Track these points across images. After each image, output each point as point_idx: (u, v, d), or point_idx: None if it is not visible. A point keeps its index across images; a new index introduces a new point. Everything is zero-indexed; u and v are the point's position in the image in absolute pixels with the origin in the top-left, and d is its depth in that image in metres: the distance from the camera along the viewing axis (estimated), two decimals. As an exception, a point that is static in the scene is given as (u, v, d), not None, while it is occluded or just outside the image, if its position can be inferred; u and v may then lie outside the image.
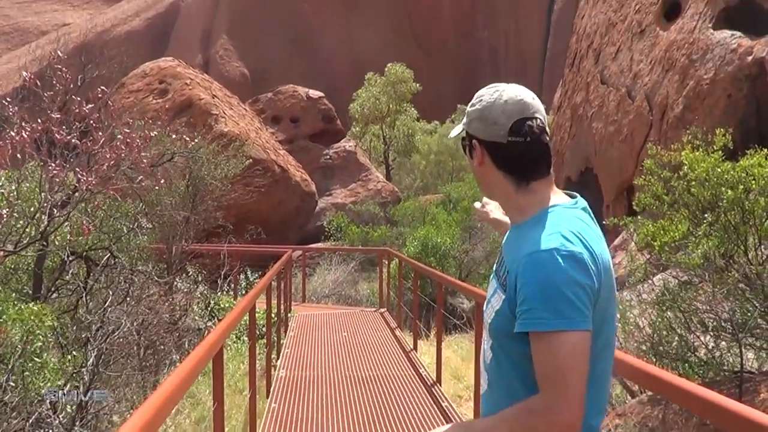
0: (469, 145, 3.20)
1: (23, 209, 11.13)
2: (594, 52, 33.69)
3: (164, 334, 14.87)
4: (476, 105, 3.18)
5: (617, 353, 5.55)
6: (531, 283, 2.79)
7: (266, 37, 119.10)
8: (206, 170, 21.64)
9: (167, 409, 3.93)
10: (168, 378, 4.37)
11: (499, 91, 3.17)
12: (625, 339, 12.41)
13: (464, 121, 3.19)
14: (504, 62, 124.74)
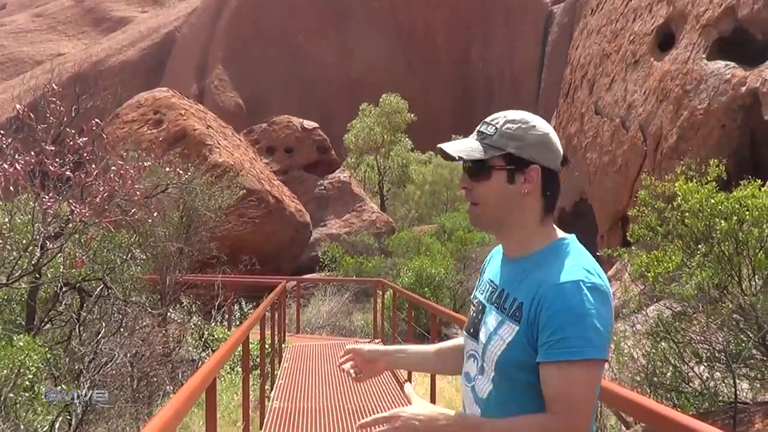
0: (511, 170, 3.09)
1: (16, 241, 11.12)
2: (588, 82, 33.82)
3: (158, 365, 14.82)
4: (530, 130, 3.13)
5: (611, 385, 5.55)
6: (561, 313, 2.82)
7: (261, 68, 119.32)
8: (200, 201, 21.62)
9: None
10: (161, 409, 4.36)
11: (543, 121, 3.19)
12: (620, 370, 12.40)
13: (497, 145, 3.11)
14: (499, 92, 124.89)
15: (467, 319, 3.34)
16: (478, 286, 3.40)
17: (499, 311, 3.08)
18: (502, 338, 3.00)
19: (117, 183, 11.72)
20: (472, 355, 3.19)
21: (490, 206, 3.13)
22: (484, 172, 3.11)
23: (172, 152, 20.92)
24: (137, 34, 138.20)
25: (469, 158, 3.09)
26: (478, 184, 3.12)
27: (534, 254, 3.10)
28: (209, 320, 21.91)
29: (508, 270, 3.19)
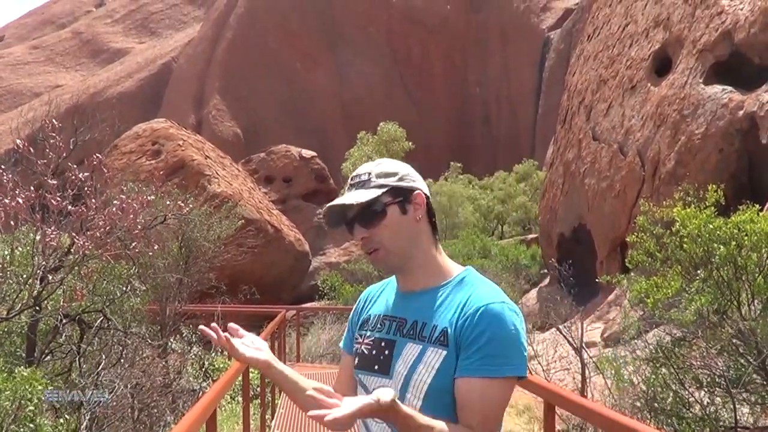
0: (401, 201, 3.24)
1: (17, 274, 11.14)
2: (585, 108, 33.89)
3: (158, 396, 14.80)
4: (397, 166, 3.34)
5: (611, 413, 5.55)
6: (488, 332, 2.98)
7: (259, 97, 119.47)
8: (199, 232, 21.65)
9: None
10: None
11: (400, 162, 3.42)
12: (620, 396, 12.41)
13: (380, 183, 3.24)
14: (496, 118, 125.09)
15: (360, 359, 3.36)
16: (363, 327, 3.46)
17: (417, 341, 3.15)
18: (429, 365, 3.08)
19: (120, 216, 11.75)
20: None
21: (393, 244, 3.23)
22: (379, 212, 3.21)
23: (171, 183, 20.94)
24: (134, 65, 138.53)
25: (364, 200, 3.16)
26: (375, 228, 3.21)
27: (445, 284, 3.24)
28: (209, 350, 21.89)
29: (412, 302, 3.27)
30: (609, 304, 26.65)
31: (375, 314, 3.41)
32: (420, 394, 3.07)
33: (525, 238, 57.99)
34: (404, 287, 3.32)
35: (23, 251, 12.14)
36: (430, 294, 3.22)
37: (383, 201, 3.20)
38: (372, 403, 2.63)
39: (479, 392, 2.96)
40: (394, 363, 3.18)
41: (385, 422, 3.11)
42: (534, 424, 15.28)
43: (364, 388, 3.29)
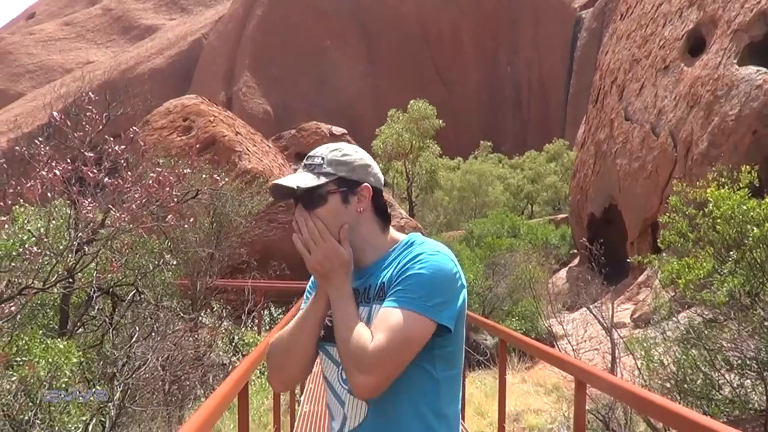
0: (344, 192, 3.33)
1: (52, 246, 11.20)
2: (618, 88, 33.71)
3: (189, 369, 14.89)
4: (353, 156, 3.39)
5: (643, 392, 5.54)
6: (416, 275, 3.10)
7: (289, 74, 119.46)
8: (230, 207, 21.72)
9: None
10: (196, 412, 4.39)
11: (362, 150, 3.49)
12: (650, 377, 12.37)
13: (332, 170, 3.33)
14: (527, 98, 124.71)
15: (325, 331, 3.40)
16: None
17: (364, 305, 3.26)
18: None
19: (156, 189, 11.78)
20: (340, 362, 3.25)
21: (334, 226, 3.30)
22: (320, 198, 3.31)
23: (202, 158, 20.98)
24: (165, 41, 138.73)
25: (306, 186, 3.25)
26: (314, 211, 3.29)
27: (392, 250, 3.35)
28: (239, 325, 21.97)
29: (364, 275, 3.37)
30: (639, 285, 26.59)
31: None
32: None
33: (555, 217, 57.88)
34: (356, 263, 3.38)
35: (57, 224, 12.20)
36: (377, 263, 3.34)
37: (326, 188, 3.30)
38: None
39: (387, 314, 3.06)
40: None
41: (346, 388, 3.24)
42: (562, 403, 15.28)
43: (331, 359, 3.36)
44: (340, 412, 3.30)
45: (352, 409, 3.25)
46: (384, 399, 3.13)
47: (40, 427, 8.80)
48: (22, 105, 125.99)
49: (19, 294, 10.22)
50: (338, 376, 3.31)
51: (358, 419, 3.23)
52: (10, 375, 9.23)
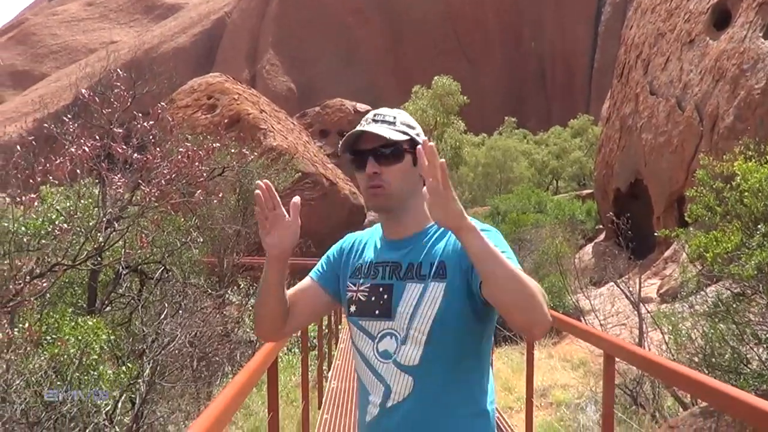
0: (412, 152, 3.33)
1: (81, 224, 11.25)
2: (643, 62, 33.53)
3: (217, 346, 14.97)
4: (414, 121, 3.46)
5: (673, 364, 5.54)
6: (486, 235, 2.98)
7: (312, 52, 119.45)
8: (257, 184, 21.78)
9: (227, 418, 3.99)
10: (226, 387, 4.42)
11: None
12: (677, 351, 12.35)
13: (405, 131, 3.37)
14: (551, 73, 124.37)
15: (357, 306, 3.45)
16: (355, 275, 3.54)
17: (417, 281, 3.28)
18: (432, 300, 3.22)
19: (186, 164, 11.82)
20: (387, 334, 3.32)
21: (398, 187, 3.35)
22: (399, 154, 3.34)
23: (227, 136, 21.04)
24: (188, 20, 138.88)
25: (396, 139, 3.29)
26: (387, 168, 3.31)
27: (430, 227, 3.40)
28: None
29: (403, 247, 3.41)
30: (665, 260, 26.52)
31: (366, 262, 3.52)
32: (425, 327, 3.21)
33: (580, 193, 57.73)
34: (393, 234, 3.46)
35: (86, 203, 12.26)
36: (419, 237, 3.39)
37: (404, 147, 3.33)
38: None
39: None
40: (396, 305, 3.30)
41: (386, 362, 3.31)
42: (589, 378, 15.29)
43: (365, 333, 3.41)
44: (378, 386, 3.34)
45: (396, 383, 3.27)
46: (431, 372, 3.20)
47: (71, 404, 8.86)
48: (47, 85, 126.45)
49: (50, 271, 10.28)
50: (374, 350, 3.36)
51: (403, 394, 3.26)
52: (40, 353, 9.29)
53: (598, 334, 7.75)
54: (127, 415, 10.54)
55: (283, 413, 12.07)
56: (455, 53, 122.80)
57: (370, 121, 3.36)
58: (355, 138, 3.35)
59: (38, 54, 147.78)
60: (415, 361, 3.23)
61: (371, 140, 3.31)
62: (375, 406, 3.34)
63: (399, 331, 3.27)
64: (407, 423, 3.25)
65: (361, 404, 3.47)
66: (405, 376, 3.25)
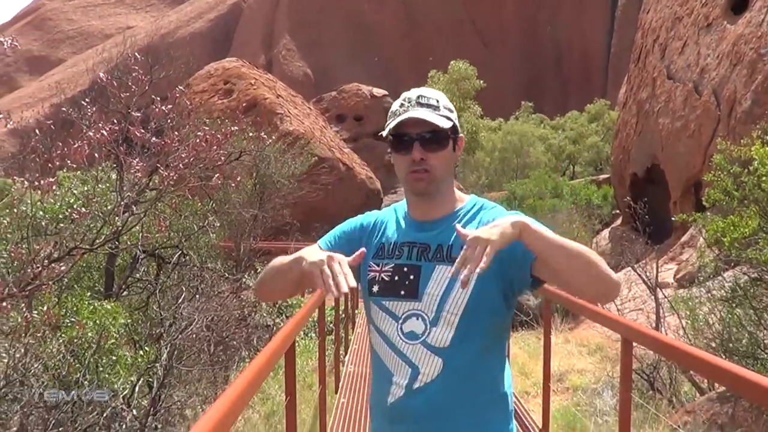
0: (454, 138, 3.40)
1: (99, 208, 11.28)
2: (660, 47, 33.43)
3: (234, 330, 15.01)
4: (444, 98, 3.42)
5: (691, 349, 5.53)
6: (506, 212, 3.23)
7: (328, 37, 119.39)
8: (273, 168, 21.83)
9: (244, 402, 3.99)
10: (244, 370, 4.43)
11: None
12: (695, 336, 12.35)
13: (448, 115, 3.37)
14: (568, 58, 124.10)
15: (381, 286, 3.42)
16: (378, 255, 3.51)
17: (447, 263, 3.26)
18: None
19: (204, 148, 11.83)
20: (413, 315, 3.30)
21: (441, 172, 3.36)
22: (445, 140, 3.35)
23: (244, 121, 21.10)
24: (204, 5, 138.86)
25: (446, 127, 3.30)
26: (432, 154, 3.31)
27: (460, 209, 3.44)
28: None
29: (432, 229, 3.41)
30: (682, 245, 26.45)
31: (389, 242, 3.50)
32: (458, 310, 3.22)
33: (597, 178, 57.61)
34: (422, 215, 3.46)
35: (104, 187, 12.29)
36: (448, 219, 3.39)
37: (449, 133, 3.35)
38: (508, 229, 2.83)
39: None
40: (423, 286, 3.29)
41: (413, 343, 3.29)
42: (606, 363, 15.29)
43: (388, 313, 3.38)
44: (404, 368, 3.32)
45: (425, 365, 3.26)
46: (461, 354, 3.21)
47: (89, 388, 8.90)
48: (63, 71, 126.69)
49: (67, 255, 10.31)
50: (398, 331, 3.33)
51: (432, 375, 3.25)
52: (59, 336, 9.33)
53: (615, 318, 7.74)
54: (144, 398, 10.58)
55: (300, 397, 12.09)
56: (471, 38, 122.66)
57: (415, 103, 3.33)
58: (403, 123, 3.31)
59: (54, 39, 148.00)
60: (446, 343, 3.23)
61: (417, 125, 3.28)
62: (400, 387, 3.31)
63: (427, 312, 3.27)
64: (432, 405, 3.25)
65: (380, 386, 3.44)
66: (435, 358, 3.24)
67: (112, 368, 9.85)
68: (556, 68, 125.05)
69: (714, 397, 10.40)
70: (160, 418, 11.01)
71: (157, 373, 10.48)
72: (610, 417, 11.17)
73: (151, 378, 10.75)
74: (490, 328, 3.26)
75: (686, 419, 10.07)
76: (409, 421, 3.30)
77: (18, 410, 8.14)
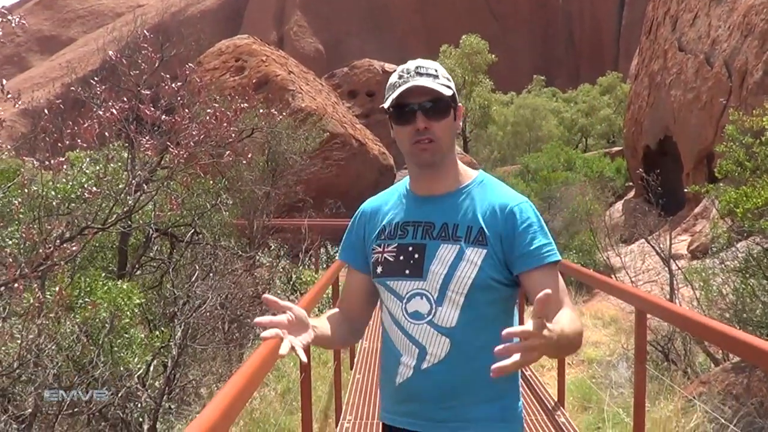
0: (454, 107, 3.36)
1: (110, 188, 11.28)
2: (671, 18, 33.34)
3: (248, 307, 15.01)
4: (441, 68, 3.37)
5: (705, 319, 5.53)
6: (536, 225, 3.26)
7: (339, 12, 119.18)
8: (285, 145, 21.83)
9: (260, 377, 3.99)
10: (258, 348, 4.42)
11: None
12: (708, 307, 12.34)
13: (447, 84, 3.32)
14: (579, 31, 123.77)
15: (384, 267, 3.42)
16: (379, 237, 3.51)
17: (452, 242, 3.28)
18: (471, 262, 3.24)
19: (214, 125, 11.82)
20: (416, 294, 3.31)
21: (444, 141, 3.32)
22: (446, 108, 3.32)
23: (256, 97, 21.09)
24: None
25: (448, 94, 3.28)
26: (436, 122, 3.26)
27: (465, 186, 3.42)
28: (297, 264, 22.10)
29: (436, 206, 3.40)
30: (695, 216, 26.42)
31: (391, 223, 3.48)
32: (463, 289, 3.22)
33: (609, 150, 57.51)
34: (426, 190, 3.43)
35: (115, 166, 12.30)
36: (453, 196, 3.38)
37: (450, 101, 3.31)
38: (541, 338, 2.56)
39: (551, 277, 3.20)
40: (428, 265, 3.28)
41: (419, 324, 3.32)
42: (620, 335, 15.28)
43: (393, 293, 3.39)
44: (411, 348, 3.33)
45: (432, 345, 3.28)
46: (468, 334, 3.24)
47: (103, 369, 8.92)
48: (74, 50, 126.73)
49: (79, 234, 10.32)
50: (402, 311, 3.35)
51: (439, 356, 3.27)
52: (72, 317, 9.35)
53: (629, 290, 7.75)
54: (159, 378, 10.60)
55: (315, 374, 12.13)
56: (483, 12, 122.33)
57: (414, 74, 3.27)
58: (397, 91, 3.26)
59: (65, 19, 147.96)
60: (452, 323, 3.23)
61: (418, 94, 3.23)
62: (408, 368, 3.33)
63: (431, 291, 3.26)
64: (442, 384, 3.27)
65: (389, 365, 3.47)
66: (442, 338, 3.25)
67: (127, 348, 9.87)
68: (568, 41, 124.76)
69: (729, 368, 10.39)
70: (175, 397, 11.06)
71: (172, 353, 10.50)
72: (625, 389, 11.17)
73: (166, 357, 10.77)
74: (495, 307, 3.27)
75: (701, 390, 10.06)
76: (418, 401, 3.33)
77: (32, 391, 8.17)
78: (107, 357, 9.30)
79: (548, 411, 10.10)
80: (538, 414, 10.00)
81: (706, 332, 5.43)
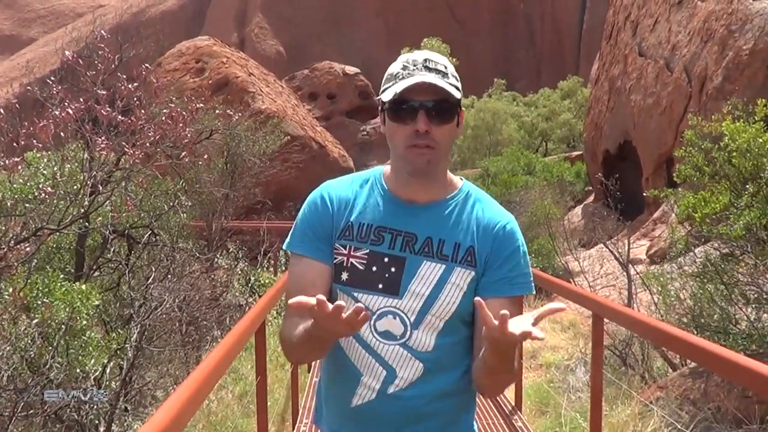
0: (458, 111, 3.05)
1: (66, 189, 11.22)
2: (631, 24, 33.56)
3: (206, 310, 14.97)
4: (451, 66, 3.06)
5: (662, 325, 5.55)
6: (516, 251, 3.09)
7: (301, 14, 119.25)
8: (244, 147, 21.81)
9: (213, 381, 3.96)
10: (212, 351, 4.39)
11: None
12: (666, 312, 12.41)
13: (457, 85, 3.02)
14: (540, 35, 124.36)
15: (352, 275, 3.06)
16: (345, 236, 3.13)
17: (437, 260, 3.03)
18: (457, 286, 3.02)
19: (170, 126, 11.77)
20: (389, 313, 3.02)
21: (445, 147, 3.05)
22: (452, 112, 3.02)
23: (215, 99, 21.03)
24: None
25: (457, 96, 2.98)
26: (439, 126, 2.96)
27: (450, 198, 3.13)
28: (255, 266, 22.06)
29: (420, 215, 3.09)
30: (654, 221, 26.59)
31: (362, 223, 3.12)
32: (445, 315, 3.01)
33: (569, 155, 57.73)
34: (410, 195, 3.10)
35: (72, 167, 12.22)
36: (439, 207, 3.10)
37: (457, 104, 3.01)
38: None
39: (518, 307, 3.06)
40: (407, 283, 3.01)
41: (392, 345, 3.03)
42: (579, 340, 15.33)
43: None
44: (377, 369, 3.05)
45: (403, 368, 3.02)
46: (443, 359, 3.04)
47: (58, 370, 8.85)
48: (34, 50, 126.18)
49: (34, 235, 10.25)
50: (371, 328, 3.04)
51: (410, 380, 3.02)
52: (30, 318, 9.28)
53: (586, 294, 7.77)
54: (115, 380, 10.54)
55: (272, 377, 12.08)
56: (444, 15, 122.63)
57: (421, 67, 2.96)
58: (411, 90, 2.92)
59: (25, 18, 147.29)
60: (429, 347, 3.01)
61: (424, 91, 2.91)
62: (371, 390, 3.05)
63: (408, 313, 2.99)
64: (408, 410, 3.04)
65: (342, 384, 3.15)
66: (415, 362, 3.01)
67: (83, 349, 9.80)
68: (529, 45, 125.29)
69: (686, 373, 10.46)
70: (131, 399, 10.99)
71: (128, 355, 10.44)
72: (583, 393, 11.21)
73: (122, 359, 10.70)
74: (471, 330, 3.09)
75: (659, 395, 10.11)
76: (377, 424, 3.08)
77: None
78: (63, 359, 9.24)
79: (506, 415, 10.11)
80: (495, 418, 10.01)
81: (662, 337, 5.45)
